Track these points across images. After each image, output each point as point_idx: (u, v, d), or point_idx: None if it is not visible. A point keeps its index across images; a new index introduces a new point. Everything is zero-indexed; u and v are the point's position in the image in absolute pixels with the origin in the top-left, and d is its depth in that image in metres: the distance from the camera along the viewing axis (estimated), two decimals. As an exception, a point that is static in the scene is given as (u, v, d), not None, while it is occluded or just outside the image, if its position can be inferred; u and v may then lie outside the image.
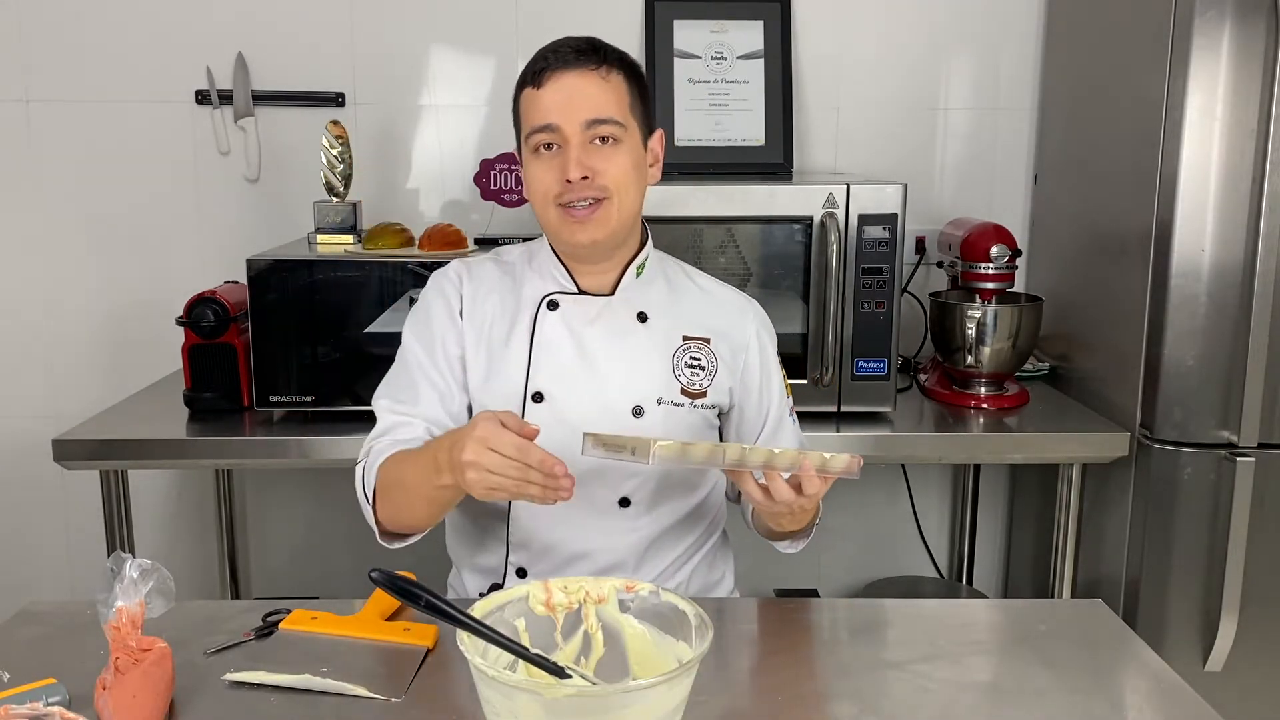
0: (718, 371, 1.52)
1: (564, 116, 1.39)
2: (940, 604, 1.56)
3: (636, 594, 1.10)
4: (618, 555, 1.51)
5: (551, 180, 1.40)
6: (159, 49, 2.51)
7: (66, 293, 2.60)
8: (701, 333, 1.52)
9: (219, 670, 1.20)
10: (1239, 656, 2.07)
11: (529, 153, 1.43)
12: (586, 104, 1.39)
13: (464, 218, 2.51)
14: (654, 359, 1.50)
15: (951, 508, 2.79)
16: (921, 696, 1.19)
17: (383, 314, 2.10)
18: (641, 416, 1.48)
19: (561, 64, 1.40)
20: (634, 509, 1.51)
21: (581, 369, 1.48)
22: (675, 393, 1.50)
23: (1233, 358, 2.01)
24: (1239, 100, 1.95)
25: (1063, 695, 1.18)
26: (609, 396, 1.48)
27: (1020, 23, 2.58)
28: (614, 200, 1.41)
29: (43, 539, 2.70)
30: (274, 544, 2.76)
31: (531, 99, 1.42)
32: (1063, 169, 2.50)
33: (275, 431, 2.09)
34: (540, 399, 1.47)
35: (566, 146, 1.39)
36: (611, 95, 1.41)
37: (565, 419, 1.44)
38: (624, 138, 1.42)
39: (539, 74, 1.41)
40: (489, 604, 1.07)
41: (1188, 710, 1.16)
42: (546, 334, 1.49)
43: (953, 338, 2.28)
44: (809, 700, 1.18)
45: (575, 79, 1.40)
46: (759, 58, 2.52)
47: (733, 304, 1.58)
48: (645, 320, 1.51)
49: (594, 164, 1.39)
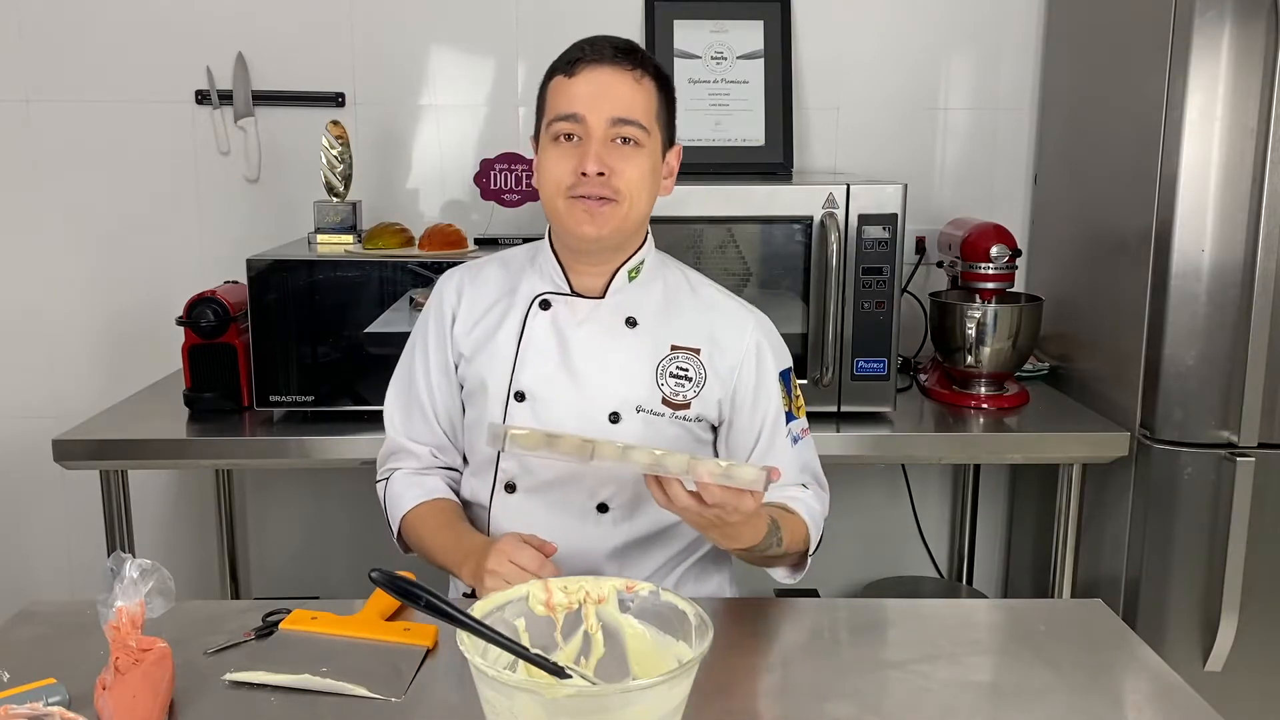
0: (706, 383, 1.48)
1: (591, 108, 1.38)
2: (940, 604, 1.56)
3: (636, 594, 1.10)
4: (593, 561, 1.50)
5: (566, 170, 1.39)
6: (159, 49, 2.51)
7: (66, 292, 2.59)
8: (692, 343, 1.49)
9: (219, 670, 1.20)
10: (1239, 657, 2.07)
11: (548, 140, 1.42)
12: (615, 101, 1.39)
13: (464, 218, 2.51)
14: (638, 366, 1.48)
15: (951, 508, 2.79)
16: (922, 696, 1.19)
17: (383, 314, 2.10)
18: (618, 423, 1.46)
19: (597, 57, 1.39)
20: (613, 514, 1.49)
21: (564, 371, 1.48)
22: (656, 402, 1.47)
23: (1233, 358, 2.00)
24: (1239, 100, 1.95)
25: (1063, 695, 1.18)
26: (587, 400, 1.47)
27: (1020, 23, 2.58)
28: (624, 204, 1.40)
29: (43, 539, 2.70)
30: (274, 544, 2.76)
31: (561, 86, 1.41)
32: (1063, 169, 2.50)
33: (275, 431, 2.09)
34: (522, 398, 1.48)
35: (588, 139, 1.38)
36: (641, 98, 1.41)
37: (543, 420, 1.46)
38: (645, 142, 1.41)
39: (573, 63, 1.40)
40: (489, 604, 1.07)
41: (1188, 710, 1.16)
42: (536, 333, 1.49)
43: (953, 337, 2.28)
44: (809, 700, 1.18)
45: (609, 74, 1.39)
46: (759, 58, 2.52)
47: (732, 315, 1.53)
48: (634, 326, 1.49)
49: (612, 163, 1.38)
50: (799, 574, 1.50)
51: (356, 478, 2.67)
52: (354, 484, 2.69)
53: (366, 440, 2.02)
